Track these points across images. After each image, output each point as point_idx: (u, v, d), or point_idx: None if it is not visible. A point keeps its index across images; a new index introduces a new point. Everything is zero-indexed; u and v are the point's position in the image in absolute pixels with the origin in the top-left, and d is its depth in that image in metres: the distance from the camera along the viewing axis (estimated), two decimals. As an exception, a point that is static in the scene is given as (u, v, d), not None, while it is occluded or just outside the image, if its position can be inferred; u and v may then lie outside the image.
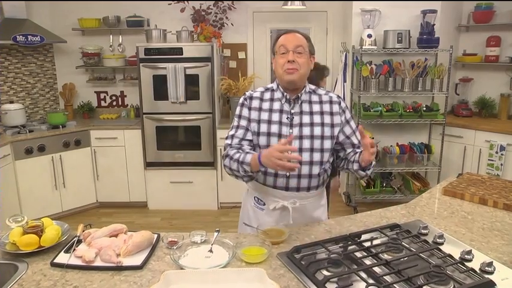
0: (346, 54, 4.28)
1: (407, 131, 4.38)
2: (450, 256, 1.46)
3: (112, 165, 4.40)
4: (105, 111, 4.90)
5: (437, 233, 1.63)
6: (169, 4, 4.49)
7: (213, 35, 4.41)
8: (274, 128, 1.78)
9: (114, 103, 4.96)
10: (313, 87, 1.87)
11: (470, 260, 1.46)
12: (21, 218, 1.71)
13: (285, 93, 1.80)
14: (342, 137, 1.83)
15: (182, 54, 4.14)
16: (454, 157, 4.24)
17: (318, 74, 3.23)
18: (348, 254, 1.50)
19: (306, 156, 1.76)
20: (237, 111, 1.86)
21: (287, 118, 1.78)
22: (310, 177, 1.79)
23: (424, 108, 4.08)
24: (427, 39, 3.96)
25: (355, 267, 1.43)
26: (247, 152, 1.72)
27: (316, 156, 1.77)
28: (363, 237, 1.63)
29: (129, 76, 4.80)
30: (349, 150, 1.85)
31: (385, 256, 1.49)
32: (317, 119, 1.79)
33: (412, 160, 4.23)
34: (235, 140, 1.81)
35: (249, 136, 1.82)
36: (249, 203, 1.94)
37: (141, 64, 4.16)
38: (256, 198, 1.89)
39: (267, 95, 1.85)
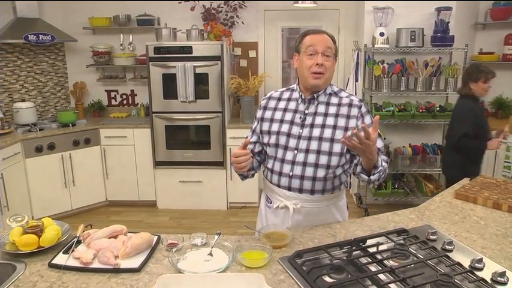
0: (358, 53, 4.20)
1: (420, 132, 4.28)
2: (459, 264, 1.39)
3: (121, 164, 4.41)
4: (115, 110, 4.91)
5: (446, 239, 1.56)
6: (179, 3, 4.47)
7: (223, 34, 4.38)
8: (285, 128, 1.77)
9: (125, 102, 4.97)
10: (336, 89, 1.81)
11: (481, 269, 1.39)
12: (22, 218, 1.70)
13: (301, 93, 1.78)
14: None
15: (192, 53, 4.12)
16: (469, 159, 4.12)
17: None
18: (352, 260, 1.44)
19: (311, 158, 1.71)
20: (255, 112, 1.92)
21: (300, 118, 1.76)
22: (314, 180, 1.73)
23: (438, 109, 3.98)
24: (441, 37, 3.86)
25: (359, 274, 1.37)
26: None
27: (323, 159, 1.71)
28: (368, 242, 1.57)
29: (139, 75, 4.80)
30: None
31: (391, 263, 1.43)
32: (330, 121, 1.73)
33: (424, 161, 4.13)
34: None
35: (254, 138, 1.88)
36: (263, 201, 1.95)
37: (150, 63, 4.15)
38: (266, 196, 1.90)
39: (286, 95, 1.85)
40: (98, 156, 4.35)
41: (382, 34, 3.93)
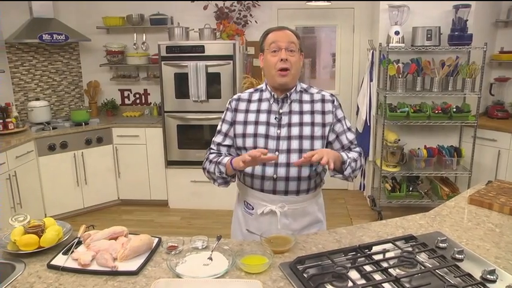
0: (373, 52, 4.11)
1: (436, 133, 4.16)
2: (469, 275, 1.31)
3: (133, 163, 4.42)
4: (128, 109, 4.93)
5: (457, 247, 1.48)
6: (192, 1, 4.46)
7: (235, 33, 4.35)
8: (261, 129, 1.72)
9: (138, 101, 4.99)
10: (305, 86, 1.79)
11: (493, 281, 1.30)
12: (24, 217, 1.69)
13: (273, 93, 1.74)
14: (332, 136, 1.75)
15: (204, 52, 4.10)
16: (487, 162, 3.98)
17: None
18: (356, 267, 1.38)
19: (294, 158, 1.67)
20: (223, 115, 1.84)
21: (275, 118, 1.72)
22: (299, 180, 1.70)
23: (454, 110, 3.85)
24: (459, 36, 3.73)
25: (363, 282, 1.31)
26: (227, 155, 1.77)
27: None
28: (374, 249, 1.51)
29: (152, 74, 4.81)
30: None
31: (397, 271, 1.36)
32: (307, 118, 1.71)
33: (440, 164, 4.01)
34: (214, 145, 1.84)
35: (227, 142, 1.81)
36: (240, 208, 1.88)
37: (162, 62, 4.15)
38: (245, 203, 1.83)
39: (256, 96, 1.80)
40: (110, 155, 4.37)
41: (397, 33, 3.83)
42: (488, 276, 1.31)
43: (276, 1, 4.56)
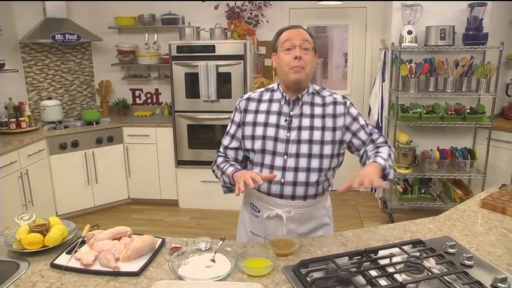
0: (385, 52, 4.05)
1: (449, 135, 4.08)
2: (479, 283, 1.26)
3: (144, 163, 4.44)
4: (140, 109, 4.96)
5: (466, 253, 1.44)
6: (203, 1, 4.46)
7: (246, 33, 4.34)
8: (270, 131, 1.67)
9: (149, 101, 5.01)
10: (317, 88, 1.74)
11: (504, 290, 1.26)
12: (29, 216, 1.70)
13: (285, 94, 1.69)
14: (348, 136, 1.69)
15: (214, 52, 4.09)
16: (503, 164, 3.89)
17: None
18: (361, 272, 1.35)
19: (303, 162, 1.64)
20: (232, 116, 1.80)
21: (285, 121, 1.67)
22: (307, 185, 1.66)
23: (468, 111, 3.77)
24: (474, 35, 3.64)
25: (368, 287, 1.28)
26: (232, 164, 1.71)
27: (315, 163, 1.64)
28: (380, 253, 1.47)
29: (163, 74, 4.82)
30: (362, 150, 1.71)
31: (403, 277, 1.32)
32: (318, 122, 1.66)
33: (453, 166, 3.92)
34: (222, 148, 1.82)
35: (234, 144, 1.78)
36: (246, 210, 1.85)
37: (173, 62, 4.15)
38: (252, 205, 1.80)
39: (266, 96, 1.75)
40: (120, 154, 4.40)
41: (410, 32, 3.76)
42: (499, 284, 1.26)
43: (288, 1, 4.53)
